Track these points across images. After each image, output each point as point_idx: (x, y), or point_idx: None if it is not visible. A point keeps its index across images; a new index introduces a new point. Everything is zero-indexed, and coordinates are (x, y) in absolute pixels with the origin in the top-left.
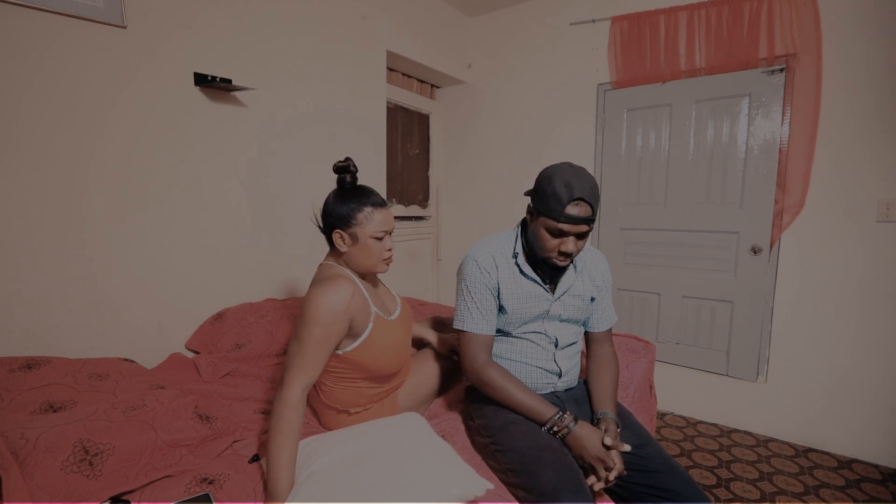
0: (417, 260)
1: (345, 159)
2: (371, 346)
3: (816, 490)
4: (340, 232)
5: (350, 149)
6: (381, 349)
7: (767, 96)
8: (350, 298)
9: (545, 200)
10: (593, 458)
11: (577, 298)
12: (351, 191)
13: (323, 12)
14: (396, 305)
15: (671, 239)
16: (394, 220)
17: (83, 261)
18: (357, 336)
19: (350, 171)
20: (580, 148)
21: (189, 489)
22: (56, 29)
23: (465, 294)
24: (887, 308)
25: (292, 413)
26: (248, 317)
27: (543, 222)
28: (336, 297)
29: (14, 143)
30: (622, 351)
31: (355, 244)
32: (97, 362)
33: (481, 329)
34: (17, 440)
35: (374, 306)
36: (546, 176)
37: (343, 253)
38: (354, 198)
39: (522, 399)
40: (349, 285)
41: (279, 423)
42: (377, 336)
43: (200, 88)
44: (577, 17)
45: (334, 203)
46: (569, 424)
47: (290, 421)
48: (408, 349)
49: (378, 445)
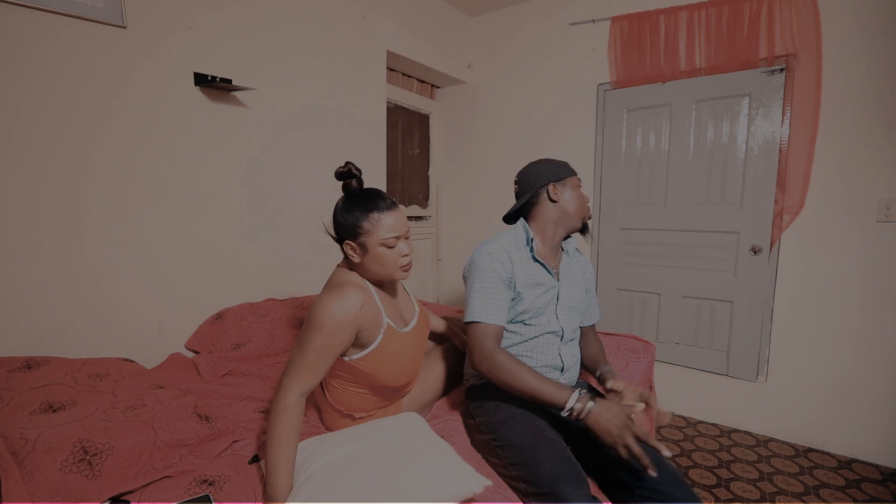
0: (417, 260)
1: (345, 164)
2: (379, 358)
3: (816, 490)
4: (350, 243)
5: (350, 149)
6: (389, 362)
7: (767, 96)
8: (359, 309)
9: (556, 169)
10: (623, 429)
11: (577, 283)
12: (357, 196)
13: (323, 12)
14: (414, 315)
15: (671, 239)
16: (407, 221)
17: (83, 261)
18: (365, 346)
19: (353, 175)
20: (580, 148)
21: (189, 490)
22: (56, 29)
23: (476, 286)
24: (887, 308)
25: (288, 418)
26: (247, 317)
27: (571, 182)
28: (343, 306)
29: (14, 142)
30: (622, 351)
31: (366, 254)
32: (97, 362)
33: (491, 318)
34: (17, 440)
35: (387, 317)
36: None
37: (357, 263)
38: (359, 205)
39: (536, 382)
40: (359, 294)
41: (274, 429)
42: (386, 348)
43: (200, 88)
44: (577, 17)
45: (342, 212)
46: (588, 404)
47: (285, 426)
48: (418, 362)
49: (377, 446)
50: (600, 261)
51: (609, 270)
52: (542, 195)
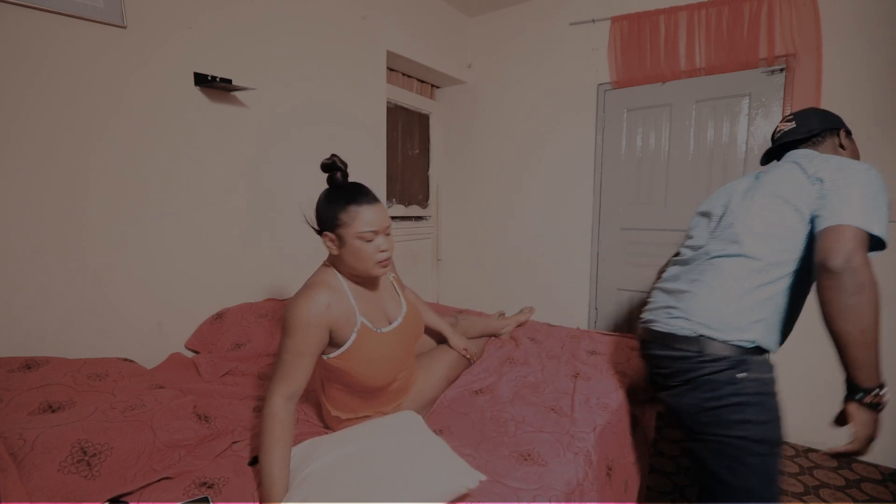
0: (417, 260)
1: (329, 157)
2: (354, 357)
3: (816, 490)
4: (328, 234)
5: (350, 149)
6: (367, 362)
7: (767, 96)
8: (324, 309)
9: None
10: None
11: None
12: (339, 189)
13: (323, 12)
14: (400, 314)
15: (671, 239)
16: (388, 218)
17: (83, 260)
18: (339, 345)
19: (338, 167)
20: (580, 148)
21: (188, 492)
22: (56, 29)
23: (868, 190)
24: (887, 308)
25: (275, 423)
26: (247, 316)
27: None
28: (307, 307)
29: (14, 142)
30: (622, 349)
31: (343, 246)
32: (97, 362)
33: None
34: (16, 440)
35: (361, 316)
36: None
37: (335, 256)
38: (340, 197)
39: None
40: (325, 294)
41: (264, 435)
42: (362, 348)
43: (200, 88)
44: (577, 17)
45: (323, 203)
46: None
47: (273, 431)
48: (403, 363)
49: (372, 446)
50: (600, 261)
51: (609, 270)
52: (831, 137)
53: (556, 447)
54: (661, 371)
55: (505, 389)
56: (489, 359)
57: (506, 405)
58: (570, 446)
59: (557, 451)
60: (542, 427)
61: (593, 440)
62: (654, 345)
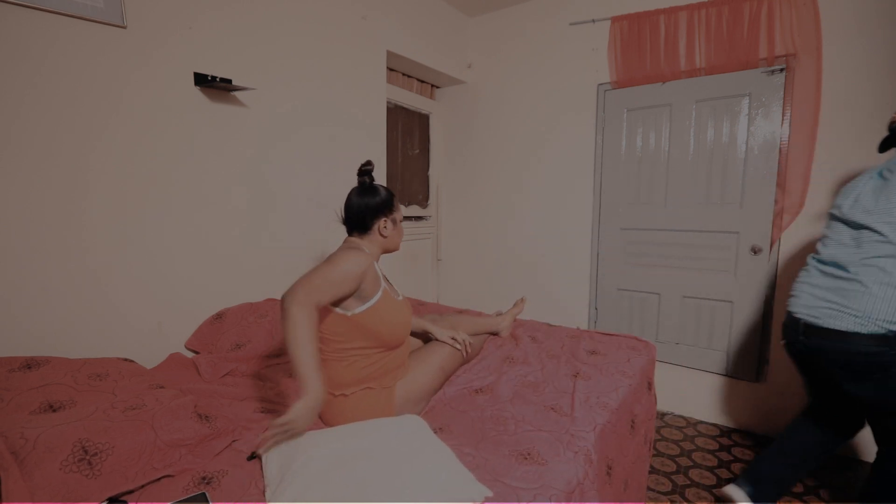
0: (417, 260)
1: (368, 162)
2: (378, 313)
3: (816, 490)
4: (385, 218)
5: (350, 149)
6: (388, 319)
7: (767, 96)
8: (367, 267)
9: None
10: None
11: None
12: (375, 187)
13: (323, 12)
14: (400, 294)
15: (671, 239)
16: None
17: (83, 261)
18: (366, 300)
19: (371, 173)
20: (580, 148)
21: (188, 489)
22: (56, 29)
23: None
24: None
25: (294, 327)
26: (247, 317)
27: None
28: (356, 260)
29: (14, 142)
30: (622, 349)
31: (395, 227)
32: (97, 362)
33: None
34: (17, 440)
35: (384, 282)
36: None
37: (371, 237)
38: (383, 190)
39: None
40: (370, 258)
41: (286, 338)
42: (384, 306)
43: (200, 88)
44: (577, 17)
45: (375, 195)
46: None
47: (293, 333)
48: (408, 332)
49: (375, 445)
50: (600, 261)
51: (609, 270)
52: None
53: (556, 446)
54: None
55: (505, 388)
56: (489, 358)
57: (506, 404)
58: (570, 445)
59: (557, 450)
60: (541, 426)
61: (593, 439)
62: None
